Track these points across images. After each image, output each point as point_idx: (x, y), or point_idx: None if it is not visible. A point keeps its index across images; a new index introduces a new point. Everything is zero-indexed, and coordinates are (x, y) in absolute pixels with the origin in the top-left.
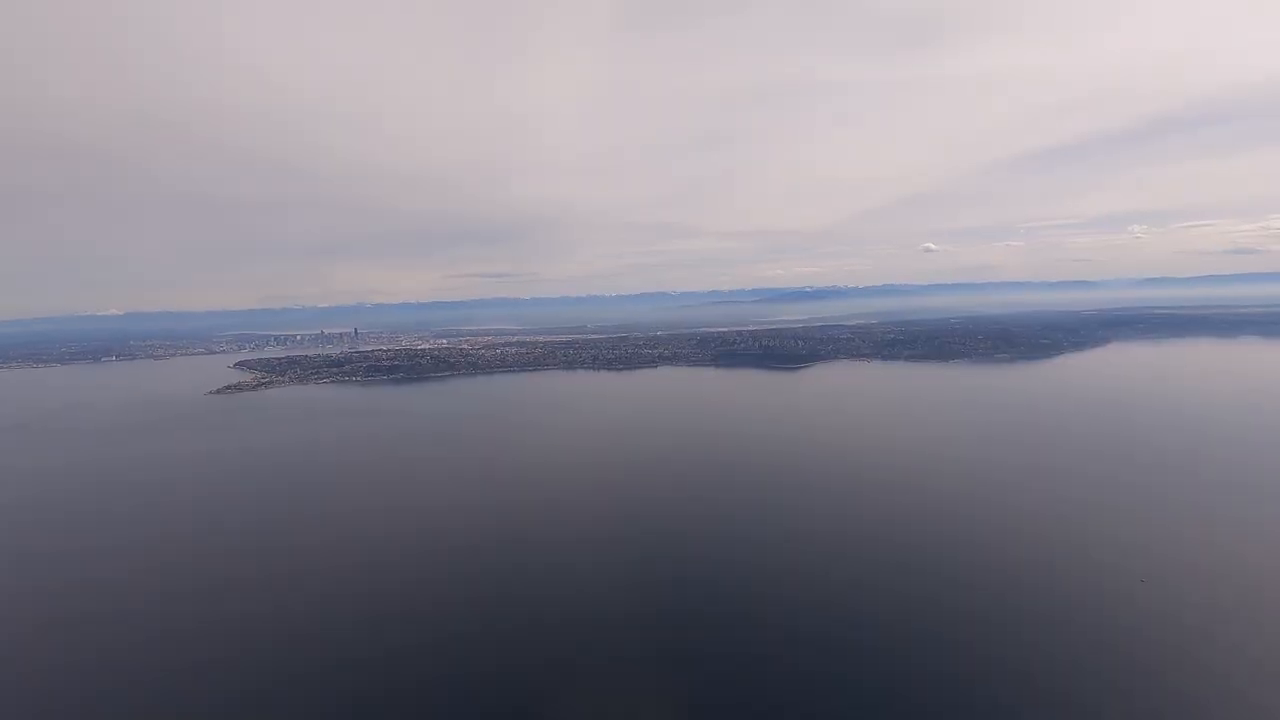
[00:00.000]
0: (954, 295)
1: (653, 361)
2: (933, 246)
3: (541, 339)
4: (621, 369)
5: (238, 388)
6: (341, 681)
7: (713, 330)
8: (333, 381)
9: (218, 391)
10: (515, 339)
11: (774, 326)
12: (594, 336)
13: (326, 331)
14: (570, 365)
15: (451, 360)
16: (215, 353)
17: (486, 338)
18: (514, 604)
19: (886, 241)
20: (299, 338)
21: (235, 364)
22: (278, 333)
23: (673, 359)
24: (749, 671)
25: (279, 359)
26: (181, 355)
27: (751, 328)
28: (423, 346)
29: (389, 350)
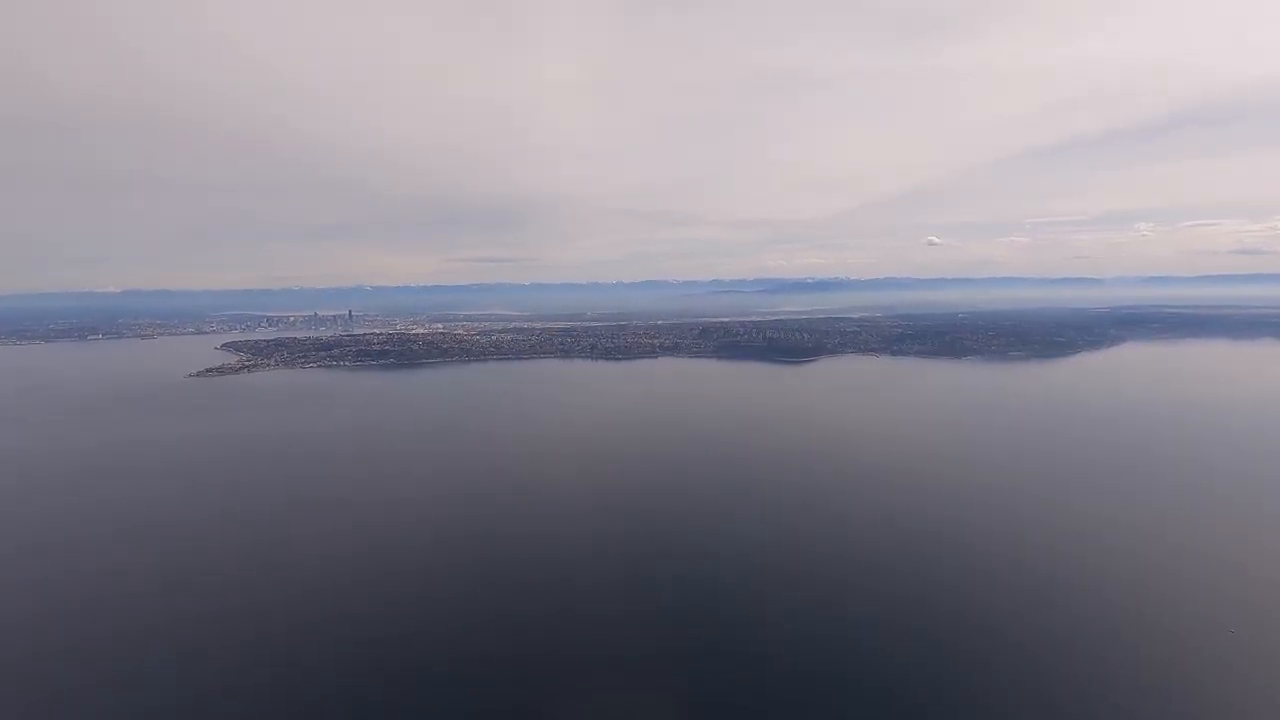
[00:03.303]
0: (957, 290)
1: (652, 351)
2: (936, 240)
3: (539, 326)
4: (620, 359)
5: (220, 370)
6: (339, 675)
7: (715, 320)
8: (320, 366)
9: (199, 374)
10: (512, 325)
11: (777, 317)
12: (593, 324)
13: (320, 313)
14: (567, 354)
15: (444, 346)
16: (205, 333)
17: (483, 323)
18: (507, 601)
19: (888, 234)
20: (292, 319)
21: (222, 345)
22: (271, 313)
23: (673, 349)
24: (749, 670)
25: (267, 341)
26: (170, 335)
27: (754, 318)
28: (417, 331)
29: (381, 334)
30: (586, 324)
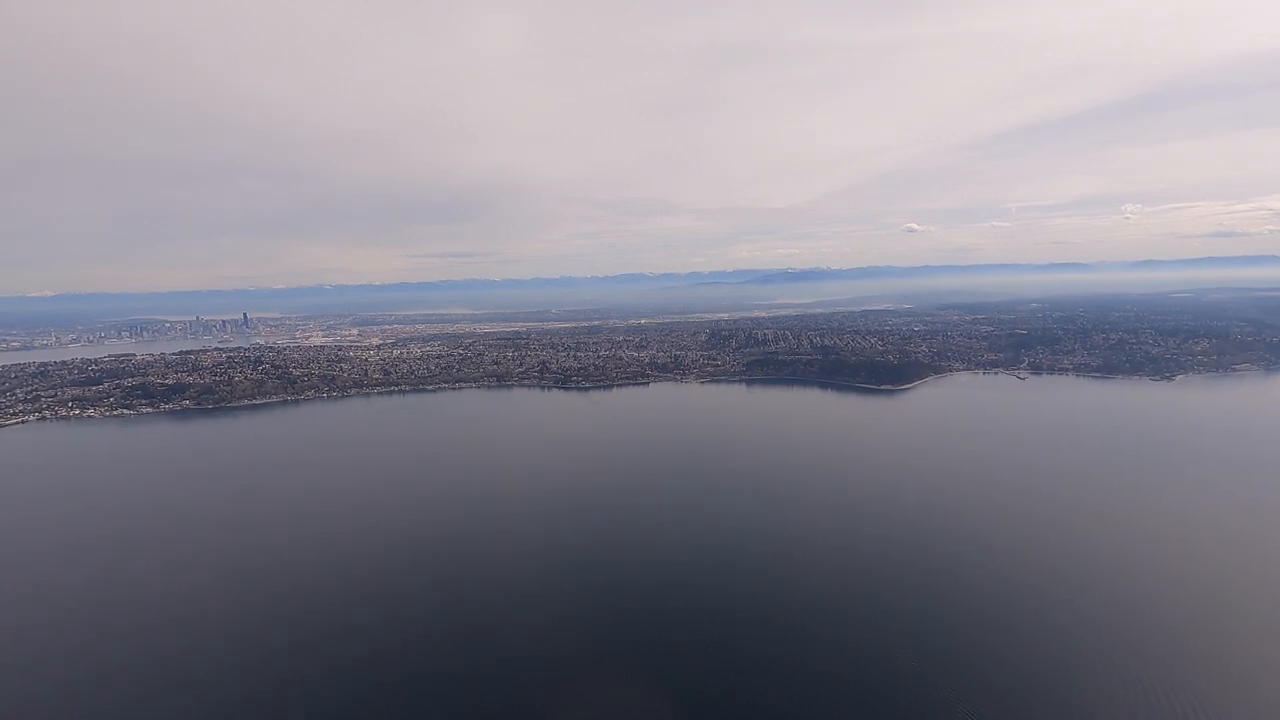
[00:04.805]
0: (946, 276)
1: (642, 374)
2: (915, 227)
3: (485, 329)
4: (588, 387)
5: None
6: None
7: (715, 317)
8: (43, 417)
9: None
10: (454, 327)
11: (786, 313)
12: (556, 325)
13: (205, 318)
14: (503, 380)
15: (295, 375)
16: (11, 349)
17: (421, 325)
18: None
19: (861, 221)
20: (169, 324)
21: None
22: (162, 317)
23: (674, 366)
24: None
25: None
26: None
27: (759, 313)
28: (314, 342)
29: (224, 352)
30: (548, 325)
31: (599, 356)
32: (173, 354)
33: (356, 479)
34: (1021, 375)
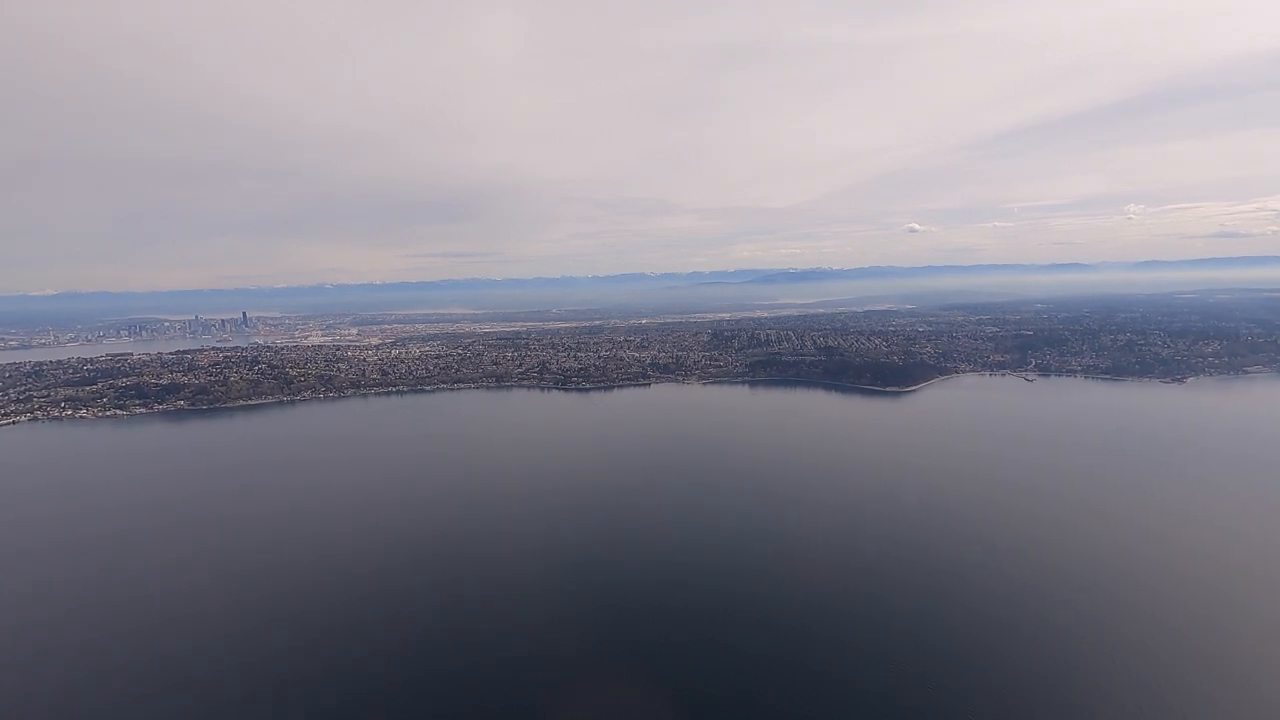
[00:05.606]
0: (948, 277)
1: (642, 374)
2: (917, 227)
3: (485, 329)
4: (588, 389)
5: None
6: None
7: (717, 317)
8: (33, 418)
9: None
10: (454, 327)
11: (788, 313)
12: (557, 325)
13: (204, 318)
14: (502, 380)
15: (291, 375)
16: (10, 348)
17: (420, 325)
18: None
19: (863, 221)
20: (168, 324)
21: None
22: (161, 316)
23: (674, 367)
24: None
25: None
26: None
27: (761, 314)
28: (311, 341)
29: (222, 352)
30: (549, 325)
31: (599, 357)
32: (169, 354)
33: (356, 479)
34: (1029, 377)
